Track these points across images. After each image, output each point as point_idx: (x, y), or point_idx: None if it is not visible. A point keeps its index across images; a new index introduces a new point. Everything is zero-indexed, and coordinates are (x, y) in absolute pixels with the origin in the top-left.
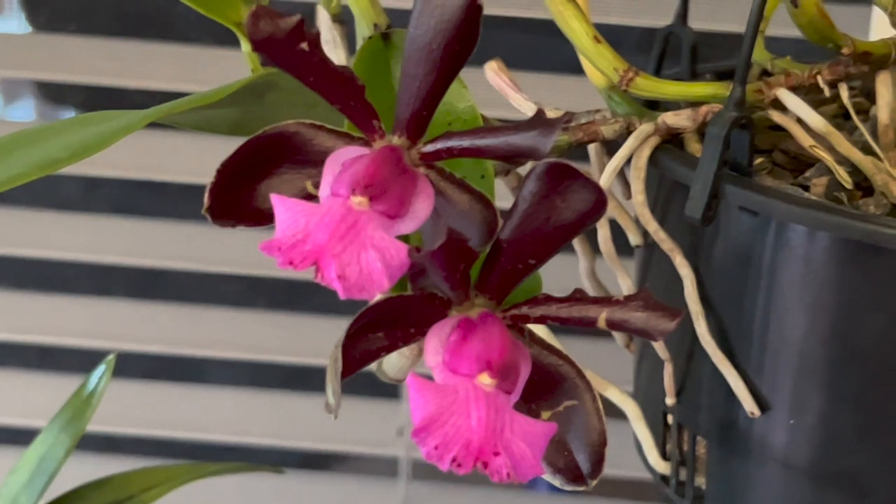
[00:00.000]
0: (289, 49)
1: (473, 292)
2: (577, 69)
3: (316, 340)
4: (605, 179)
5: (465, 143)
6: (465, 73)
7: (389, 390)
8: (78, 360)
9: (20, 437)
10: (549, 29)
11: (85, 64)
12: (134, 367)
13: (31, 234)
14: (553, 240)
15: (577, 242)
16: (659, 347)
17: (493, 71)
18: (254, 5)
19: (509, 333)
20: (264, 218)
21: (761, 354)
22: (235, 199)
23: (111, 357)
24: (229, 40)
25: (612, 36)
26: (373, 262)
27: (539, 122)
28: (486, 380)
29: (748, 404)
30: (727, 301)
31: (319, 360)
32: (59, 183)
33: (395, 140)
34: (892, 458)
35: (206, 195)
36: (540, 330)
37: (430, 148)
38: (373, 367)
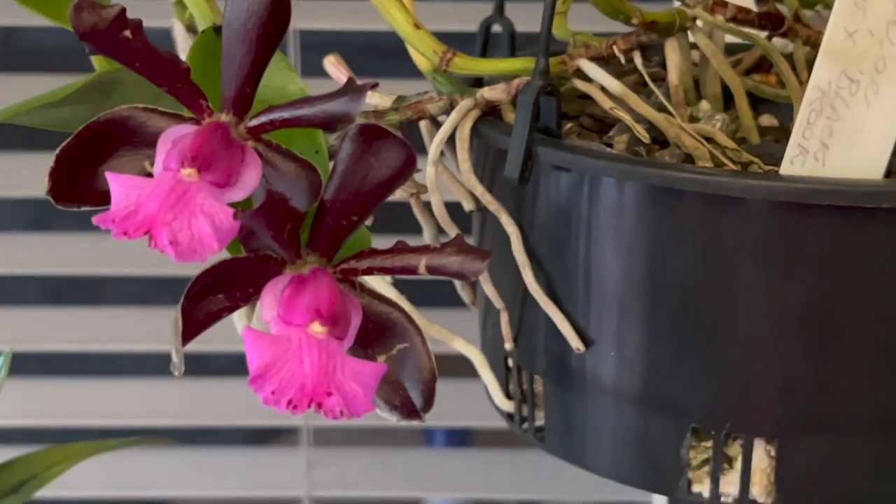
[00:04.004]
0: (113, 37)
1: (305, 251)
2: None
3: (215, 329)
4: (433, 151)
5: (286, 114)
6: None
7: None
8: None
9: None
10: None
11: None
12: (48, 364)
13: None
14: (371, 197)
15: (419, 214)
16: (493, 296)
17: (331, 64)
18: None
19: (338, 286)
20: (107, 199)
21: (584, 297)
22: (76, 181)
23: (8, 352)
24: None
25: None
26: (203, 227)
27: (349, 89)
28: (317, 328)
29: (574, 342)
30: (551, 252)
31: (218, 347)
32: None
33: (223, 117)
34: (702, 381)
35: (47, 179)
36: (387, 288)
37: (255, 122)
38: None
